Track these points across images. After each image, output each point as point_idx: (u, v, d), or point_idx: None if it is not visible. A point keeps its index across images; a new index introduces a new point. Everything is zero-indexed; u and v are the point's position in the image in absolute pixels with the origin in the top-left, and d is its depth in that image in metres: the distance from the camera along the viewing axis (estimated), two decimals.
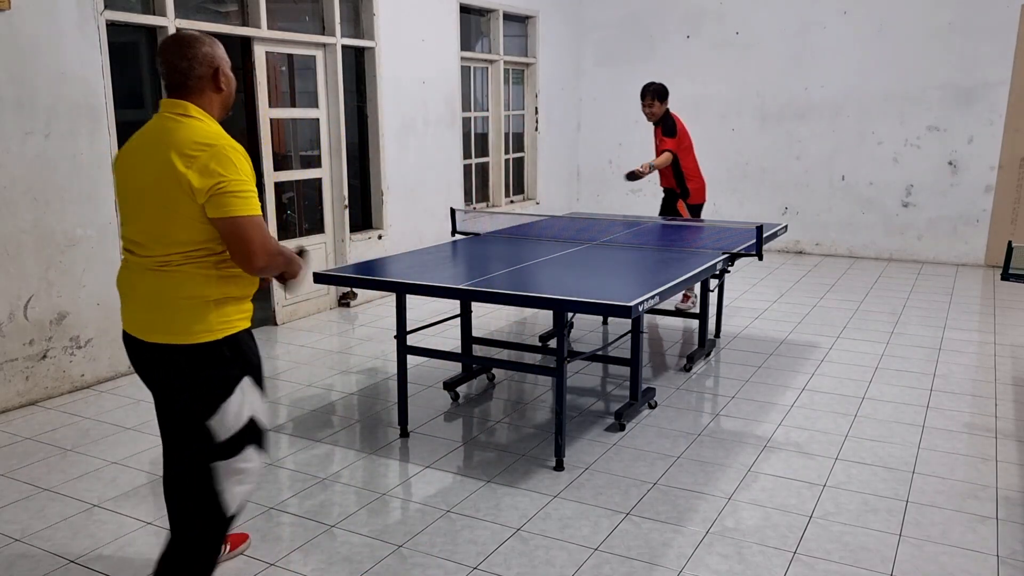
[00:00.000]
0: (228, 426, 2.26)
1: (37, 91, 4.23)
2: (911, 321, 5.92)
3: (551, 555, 2.83)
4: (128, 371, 4.83)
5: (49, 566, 2.79)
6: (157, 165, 2.16)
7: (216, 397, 2.24)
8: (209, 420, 2.24)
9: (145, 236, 2.22)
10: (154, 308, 2.23)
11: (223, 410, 2.24)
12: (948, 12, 7.69)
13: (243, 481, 2.33)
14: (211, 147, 2.14)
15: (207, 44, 2.29)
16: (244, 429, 2.29)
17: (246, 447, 2.31)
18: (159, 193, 2.15)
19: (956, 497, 3.24)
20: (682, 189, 6.13)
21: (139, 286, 2.26)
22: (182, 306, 2.19)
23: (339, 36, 6.19)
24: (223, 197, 2.11)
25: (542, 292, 3.49)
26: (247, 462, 2.32)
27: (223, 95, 2.34)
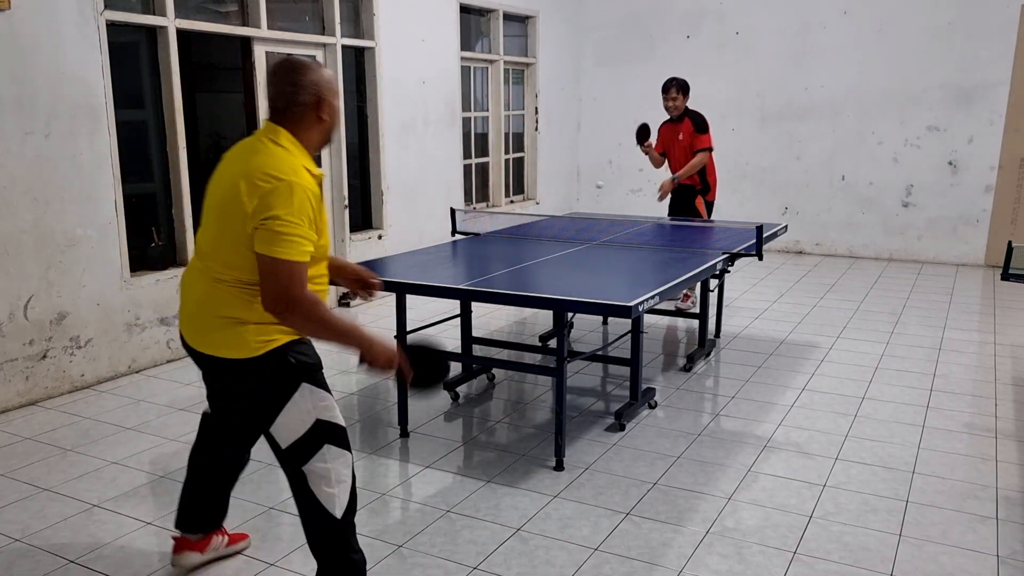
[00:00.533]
0: (290, 433, 2.26)
1: (37, 91, 4.23)
2: (911, 321, 5.92)
3: (551, 555, 2.83)
4: (128, 371, 4.83)
5: (49, 566, 2.79)
6: (228, 185, 2.19)
7: (270, 408, 2.26)
8: (269, 429, 2.28)
9: (207, 248, 2.27)
10: (199, 318, 2.29)
11: (280, 420, 2.25)
12: (948, 12, 7.69)
13: (332, 483, 2.28)
14: (278, 180, 2.12)
15: (315, 72, 2.29)
16: (311, 433, 2.26)
17: (320, 448, 2.27)
18: (223, 212, 2.19)
19: (956, 497, 3.24)
20: (703, 185, 6.10)
21: (193, 292, 2.32)
22: (221, 324, 2.23)
23: (339, 36, 6.19)
24: (270, 234, 2.10)
25: (542, 292, 3.49)
26: (326, 462, 2.27)
27: (324, 125, 2.33)
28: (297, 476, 2.29)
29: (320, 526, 2.32)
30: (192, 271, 2.34)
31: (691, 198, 6.10)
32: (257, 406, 2.28)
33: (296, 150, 2.26)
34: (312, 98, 2.27)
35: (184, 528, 2.74)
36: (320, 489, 2.28)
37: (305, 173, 2.20)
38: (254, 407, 2.30)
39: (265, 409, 2.27)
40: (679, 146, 6.04)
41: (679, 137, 6.03)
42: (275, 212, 2.09)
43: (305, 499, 2.31)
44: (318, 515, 2.31)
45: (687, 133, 5.98)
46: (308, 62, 2.33)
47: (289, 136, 2.26)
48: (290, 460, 2.29)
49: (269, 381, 2.25)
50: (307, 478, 2.28)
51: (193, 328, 2.31)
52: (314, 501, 2.29)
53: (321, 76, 2.30)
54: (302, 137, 2.29)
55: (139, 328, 4.87)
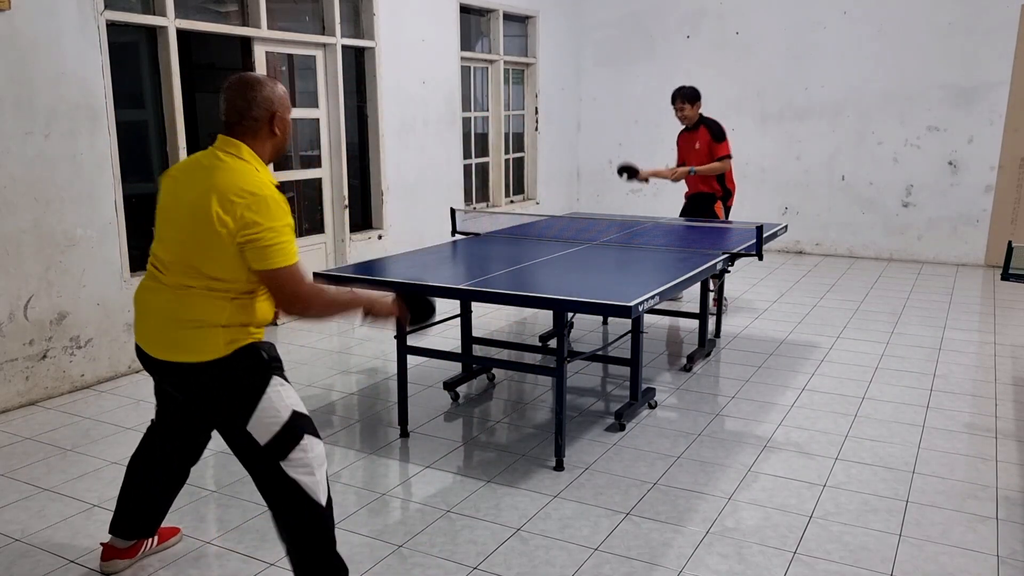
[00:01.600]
0: (267, 428, 2.29)
1: (37, 91, 4.23)
2: (911, 321, 5.92)
3: (551, 555, 2.83)
4: (128, 371, 4.83)
5: (49, 566, 2.79)
6: (196, 200, 2.23)
7: (245, 405, 2.29)
8: (247, 426, 2.29)
9: (171, 258, 2.30)
10: (163, 328, 2.31)
11: (257, 416, 2.28)
12: (948, 12, 7.69)
13: (314, 470, 2.33)
14: (252, 195, 2.20)
15: (268, 88, 2.36)
16: (289, 424, 2.31)
17: (302, 439, 2.32)
18: (194, 228, 2.22)
19: (956, 497, 3.24)
20: (724, 191, 6.07)
21: (152, 304, 2.35)
22: (186, 328, 2.26)
23: (339, 36, 6.19)
24: (261, 250, 2.19)
25: (542, 292, 3.49)
26: (306, 451, 2.32)
27: (276, 140, 2.40)
28: (275, 472, 2.30)
29: (306, 517, 2.34)
30: (146, 288, 2.38)
31: (710, 204, 6.06)
32: (230, 405, 2.30)
33: (257, 163, 2.33)
34: (266, 113, 2.34)
35: (119, 533, 2.73)
36: (303, 478, 2.31)
37: (271, 185, 2.29)
38: (227, 407, 2.31)
39: (240, 407, 2.29)
40: (696, 155, 5.99)
41: (695, 146, 5.99)
42: (259, 226, 2.18)
43: (287, 492, 2.32)
44: (304, 505, 2.32)
45: (704, 141, 5.95)
46: (261, 78, 2.38)
47: (248, 150, 2.33)
48: (269, 456, 2.30)
49: (240, 378, 2.29)
50: (287, 471, 2.29)
51: (156, 339, 2.33)
52: (299, 492, 2.31)
53: (274, 92, 2.36)
54: (256, 150, 2.36)
55: None
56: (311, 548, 2.38)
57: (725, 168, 5.94)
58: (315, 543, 2.37)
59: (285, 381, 2.37)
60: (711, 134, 5.93)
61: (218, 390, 2.30)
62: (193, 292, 2.26)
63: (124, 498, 2.72)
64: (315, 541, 2.37)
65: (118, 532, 2.73)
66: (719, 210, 6.07)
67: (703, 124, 5.98)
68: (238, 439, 2.33)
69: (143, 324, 2.38)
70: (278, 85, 2.40)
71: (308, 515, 2.34)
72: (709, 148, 5.93)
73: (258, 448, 2.30)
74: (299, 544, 2.38)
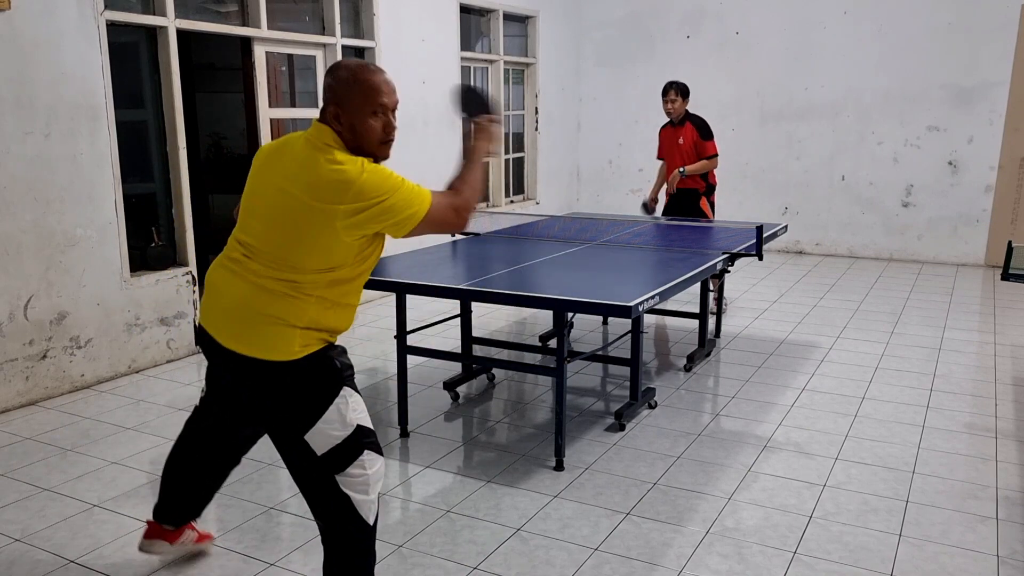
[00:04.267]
0: (328, 439, 2.18)
1: (37, 91, 4.23)
2: (911, 321, 5.92)
3: (551, 555, 2.83)
4: (128, 371, 4.83)
5: (49, 566, 2.79)
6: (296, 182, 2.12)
7: (310, 413, 2.18)
8: (305, 435, 2.18)
9: (257, 241, 2.19)
10: (240, 318, 2.19)
11: (320, 425, 2.17)
12: (948, 12, 7.69)
13: (370, 489, 2.23)
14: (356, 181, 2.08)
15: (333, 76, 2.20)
16: (352, 437, 2.20)
17: (361, 454, 2.21)
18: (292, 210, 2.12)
19: (956, 497, 3.24)
20: (707, 186, 6.08)
21: (231, 291, 2.22)
22: (265, 324, 2.15)
23: (339, 36, 6.19)
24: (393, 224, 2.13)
25: (542, 292, 3.49)
26: (364, 468, 2.21)
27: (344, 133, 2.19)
28: (328, 484, 2.19)
29: (352, 534, 2.24)
30: (225, 271, 2.25)
31: (694, 200, 6.07)
32: (293, 411, 2.19)
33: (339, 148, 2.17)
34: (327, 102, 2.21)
35: (162, 519, 2.70)
36: (356, 495, 2.21)
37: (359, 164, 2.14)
38: (290, 413, 2.19)
39: (303, 415, 2.18)
40: (679, 150, 6.01)
41: (679, 141, 6.01)
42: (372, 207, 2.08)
43: (337, 506, 2.20)
44: (352, 523, 2.22)
45: (689, 137, 5.96)
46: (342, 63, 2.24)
47: (333, 135, 2.18)
48: (325, 467, 2.18)
49: (311, 385, 2.19)
50: (341, 485, 2.19)
51: (230, 328, 2.20)
52: (349, 508, 2.20)
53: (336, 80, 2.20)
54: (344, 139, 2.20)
55: (139, 328, 4.87)
56: (350, 566, 2.29)
57: (713, 167, 5.97)
58: (355, 561, 2.28)
59: (355, 391, 2.25)
60: (699, 131, 5.93)
61: (283, 393, 2.18)
62: (275, 288, 2.14)
63: (164, 483, 2.67)
64: (355, 559, 2.28)
65: (159, 517, 2.70)
66: (705, 206, 6.09)
67: (689, 120, 5.99)
68: (294, 446, 2.21)
69: (215, 308, 2.24)
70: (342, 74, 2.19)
71: (354, 532, 2.24)
72: (695, 145, 5.94)
73: (314, 458, 2.18)
74: (339, 559, 2.29)
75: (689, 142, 5.97)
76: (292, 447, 2.22)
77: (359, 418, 2.23)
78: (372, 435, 2.27)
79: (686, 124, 5.99)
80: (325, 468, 2.19)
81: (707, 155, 5.92)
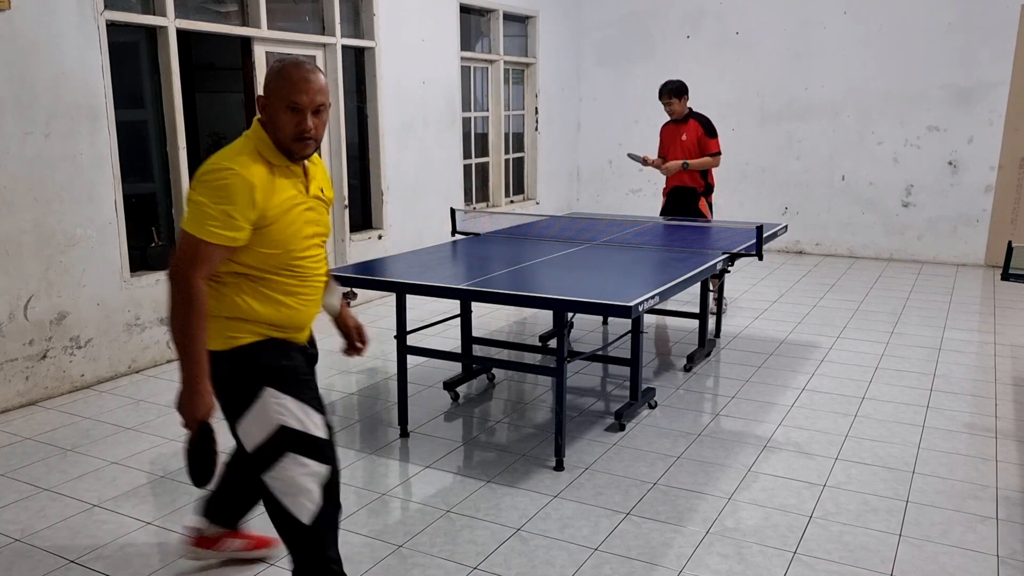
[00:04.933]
0: (253, 437, 2.21)
1: (37, 91, 4.23)
2: (911, 321, 5.92)
3: (551, 555, 2.83)
4: (128, 371, 4.83)
5: (49, 566, 2.79)
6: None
7: (235, 407, 2.24)
8: (235, 429, 2.26)
9: None
10: None
11: (243, 421, 2.22)
12: (948, 12, 7.69)
13: (294, 492, 2.21)
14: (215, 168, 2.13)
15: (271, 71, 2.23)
16: (273, 439, 2.19)
17: (282, 457, 2.19)
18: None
19: (956, 497, 3.24)
20: (706, 186, 6.07)
21: None
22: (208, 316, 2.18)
23: (339, 36, 6.19)
24: (189, 209, 2.13)
25: (542, 292, 3.49)
26: (287, 471, 2.19)
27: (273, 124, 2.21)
28: (259, 481, 2.24)
29: (287, 531, 2.27)
30: None
31: (693, 200, 6.06)
32: (224, 403, 2.25)
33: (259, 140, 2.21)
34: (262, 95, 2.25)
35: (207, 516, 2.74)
36: (283, 496, 2.22)
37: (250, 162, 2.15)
38: (223, 403, 2.25)
39: (231, 407, 2.24)
40: (681, 146, 5.99)
41: (682, 137, 5.99)
42: (197, 191, 2.13)
43: (270, 503, 2.25)
44: (285, 519, 2.24)
45: (693, 134, 5.93)
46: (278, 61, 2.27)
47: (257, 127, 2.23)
48: (255, 464, 2.23)
49: (234, 379, 2.23)
50: (268, 484, 2.22)
51: None
52: (279, 506, 2.23)
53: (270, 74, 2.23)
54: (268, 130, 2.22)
55: (139, 328, 4.87)
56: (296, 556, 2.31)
57: (715, 164, 5.97)
58: (298, 554, 2.30)
59: (284, 393, 2.21)
60: (704, 129, 5.92)
61: (215, 383, 2.20)
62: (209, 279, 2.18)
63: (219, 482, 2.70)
64: (297, 552, 2.30)
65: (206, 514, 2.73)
66: (703, 206, 6.08)
67: (693, 118, 5.98)
68: (235, 438, 2.30)
69: None
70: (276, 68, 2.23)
71: (289, 529, 2.26)
72: (699, 142, 5.93)
73: (246, 454, 2.26)
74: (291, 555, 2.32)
75: (692, 138, 5.95)
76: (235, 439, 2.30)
77: (285, 420, 2.20)
78: (300, 438, 2.21)
79: (689, 121, 5.98)
80: (255, 465, 2.24)
81: (710, 152, 5.92)
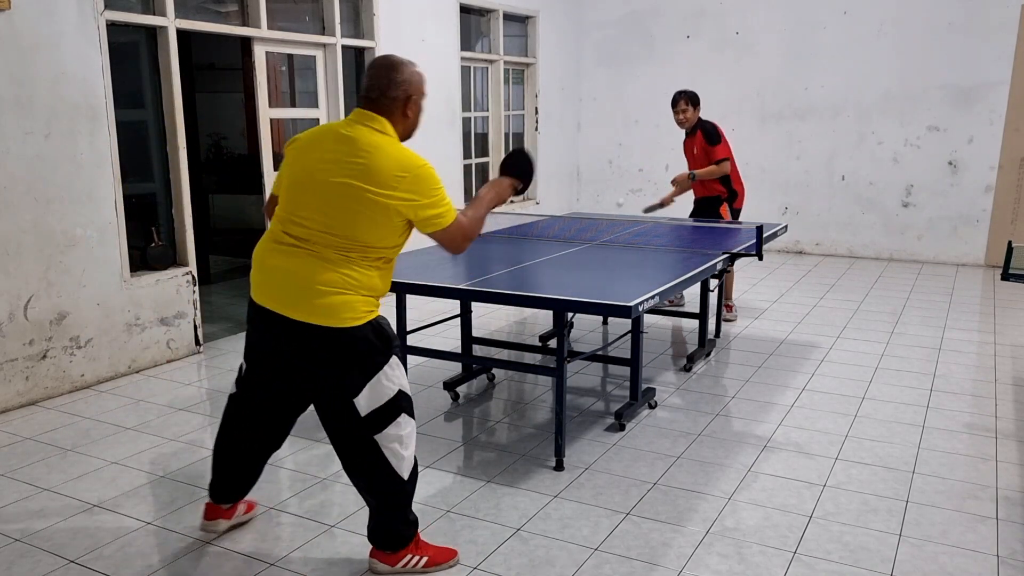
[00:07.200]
0: (372, 402, 2.45)
1: (37, 91, 4.23)
2: (911, 321, 5.92)
3: (551, 555, 2.83)
4: (128, 371, 4.83)
5: (49, 566, 2.79)
6: (352, 170, 2.38)
7: (362, 376, 2.44)
8: (355, 398, 2.45)
9: (314, 224, 2.41)
10: (298, 288, 2.41)
11: (370, 388, 2.45)
12: (948, 12, 7.69)
13: (405, 446, 2.52)
14: (413, 173, 2.42)
15: (409, 71, 2.51)
16: (392, 401, 2.48)
17: (399, 416, 2.50)
18: (350, 197, 2.37)
19: (956, 497, 3.24)
20: (730, 192, 5.99)
21: (290, 264, 2.43)
22: (325, 293, 2.38)
23: (339, 36, 6.19)
24: (429, 219, 2.45)
25: (542, 292, 3.49)
26: (400, 429, 2.50)
27: (408, 122, 2.56)
28: (368, 445, 2.47)
29: (388, 488, 2.54)
30: (276, 251, 2.47)
31: (715, 207, 6.00)
32: (350, 374, 2.43)
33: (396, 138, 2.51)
34: (403, 94, 2.49)
35: (217, 499, 2.89)
36: (392, 453, 2.49)
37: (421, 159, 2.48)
38: (347, 375, 2.44)
39: (358, 377, 2.43)
40: (695, 160, 5.92)
41: (694, 151, 5.92)
42: (421, 199, 2.42)
43: (373, 465, 2.50)
44: (387, 477, 2.51)
45: (700, 146, 5.87)
46: (405, 61, 2.52)
47: (390, 125, 2.49)
48: (366, 427, 2.46)
49: (369, 350, 2.45)
50: (379, 444, 2.47)
51: (294, 301, 2.41)
52: (384, 465, 2.49)
53: (413, 75, 2.51)
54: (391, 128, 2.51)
55: (139, 328, 4.87)
56: (386, 513, 2.61)
57: (723, 171, 5.84)
58: (394, 513, 2.61)
59: (400, 361, 2.54)
60: (705, 138, 5.84)
61: (342, 357, 2.42)
62: (339, 259, 2.39)
63: (216, 464, 2.85)
64: (395, 511, 2.61)
65: (216, 498, 2.88)
66: (724, 212, 6.01)
67: (699, 128, 5.91)
68: (341, 409, 2.46)
69: (273, 284, 2.46)
70: (417, 70, 2.54)
71: (391, 486, 2.53)
72: (704, 152, 5.86)
73: (357, 419, 2.45)
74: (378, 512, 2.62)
75: (700, 151, 5.87)
76: (339, 410, 2.48)
77: (401, 383, 2.53)
78: (409, 400, 2.56)
79: (696, 133, 5.90)
80: (367, 428, 2.46)
81: (715, 160, 5.81)
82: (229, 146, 8.71)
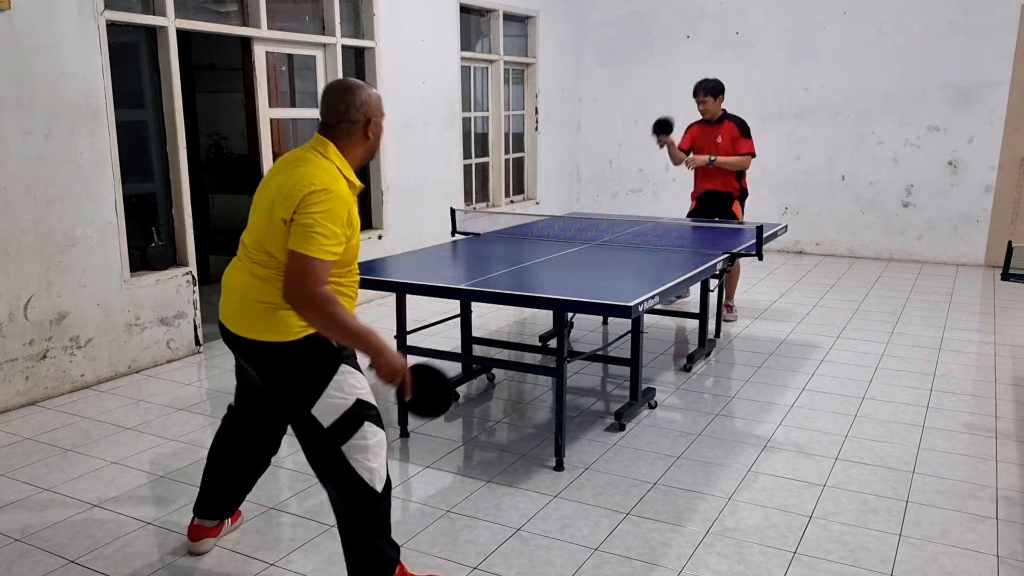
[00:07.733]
0: (331, 413, 2.38)
1: (37, 91, 4.23)
2: (911, 321, 5.92)
3: (551, 555, 2.83)
4: (128, 371, 4.83)
5: (49, 566, 2.79)
6: (276, 188, 2.36)
7: (313, 388, 2.39)
8: (312, 409, 2.39)
9: (251, 242, 2.44)
10: (242, 307, 2.44)
11: (323, 400, 2.38)
12: (948, 12, 7.69)
13: (371, 457, 2.41)
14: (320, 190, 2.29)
15: (365, 94, 2.49)
16: (352, 411, 2.40)
17: (363, 425, 2.41)
18: (270, 214, 2.35)
19: (956, 497, 3.24)
20: (741, 190, 5.98)
21: (234, 285, 2.49)
22: (262, 310, 2.38)
23: (339, 36, 6.19)
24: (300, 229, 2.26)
25: (542, 292, 3.49)
26: (366, 438, 2.41)
27: (369, 144, 2.54)
28: (336, 456, 2.39)
29: (361, 501, 2.42)
30: (233, 269, 2.52)
31: (728, 203, 5.97)
32: (300, 387, 2.40)
33: (341, 163, 2.43)
34: (362, 117, 2.47)
35: (203, 515, 2.86)
36: (361, 464, 2.39)
37: (343, 184, 2.38)
38: (297, 388, 2.40)
39: (308, 389, 2.39)
40: (716, 149, 5.84)
41: (718, 140, 5.84)
42: (309, 212, 2.26)
43: (344, 477, 2.39)
44: (360, 490, 2.39)
45: (728, 135, 5.81)
46: (361, 84, 2.52)
47: (336, 151, 2.44)
48: (331, 439, 2.39)
49: (311, 362, 2.40)
50: (346, 455, 2.38)
51: (236, 317, 2.45)
52: (355, 477, 2.39)
53: (370, 97, 2.49)
54: (348, 153, 2.47)
55: (139, 328, 4.87)
56: (361, 531, 2.45)
57: (745, 164, 5.80)
58: (365, 527, 2.45)
59: (354, 369, 2.46)
60: (739, 129, 5.78)
61: (288, 371, 2.40)
62: (267, 275, 2.37)
63: (206, 481, 2.84)
64: (366, 525, 2.45)
65: (202, 514, 2.86)
66: (737, 209, 5.97)
67: (729, 119, 5.84)
68: (304, 421, 2.42)
69: (225, 301, 2.51)
70: (374, 91, 2.53)
71: (363, 500, 2.42)
72: (733, 143, 5.79)
73: (321, 430, 2.39)
74: (351, 526, 2.46)
75: (728, 140, 5.81)
76: (303, 422, 2.43)
77: (360, 392, 2.44)
78: (373, 409, 2.46)
79: (725, 123, 5.84)
80: (332, 439, 2.39)
81: (742, 152, 5.77)
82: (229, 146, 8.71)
